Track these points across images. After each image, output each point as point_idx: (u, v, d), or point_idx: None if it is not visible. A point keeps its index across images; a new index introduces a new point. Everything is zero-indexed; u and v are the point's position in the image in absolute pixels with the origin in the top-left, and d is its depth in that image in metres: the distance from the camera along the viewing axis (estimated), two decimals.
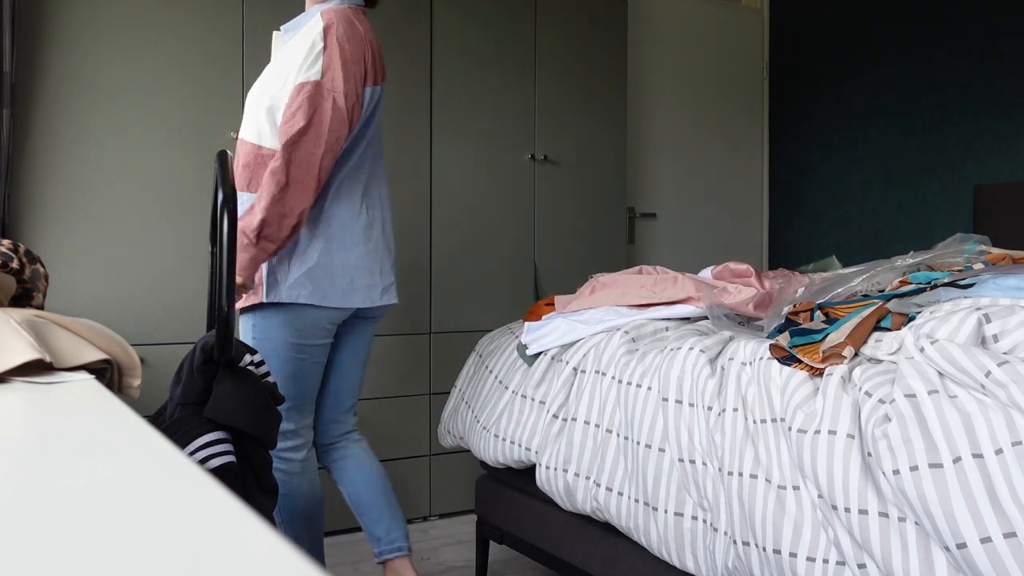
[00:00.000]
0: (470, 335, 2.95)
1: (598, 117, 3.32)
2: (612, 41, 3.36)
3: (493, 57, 3.07)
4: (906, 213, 3.57)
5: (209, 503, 0.42)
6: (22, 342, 0.85)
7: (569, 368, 1.82)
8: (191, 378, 1.30)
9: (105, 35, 2.42)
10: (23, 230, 2.33)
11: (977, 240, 1.79)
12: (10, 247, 1.25)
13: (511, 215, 3.11)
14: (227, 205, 1.32)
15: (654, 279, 2.01)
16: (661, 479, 1.54)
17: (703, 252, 3.94)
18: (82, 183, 2.39)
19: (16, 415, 0.68)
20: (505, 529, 2.11)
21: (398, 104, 2.88)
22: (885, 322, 1.41)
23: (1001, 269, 1.48)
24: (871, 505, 1.17)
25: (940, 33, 3.43)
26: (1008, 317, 1.23)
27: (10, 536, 0.37)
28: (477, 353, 2.23)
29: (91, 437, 0.59)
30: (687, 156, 3.96)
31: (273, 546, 0.36)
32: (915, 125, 3.53)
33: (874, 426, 1.20)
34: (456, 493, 2.99)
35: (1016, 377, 1.10)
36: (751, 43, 4.16)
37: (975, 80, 3.31)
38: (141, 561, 0.34)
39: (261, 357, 1.42)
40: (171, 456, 0.52)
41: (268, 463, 1.39)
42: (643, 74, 3.79)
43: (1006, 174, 3.21)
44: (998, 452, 1.07)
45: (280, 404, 1.43)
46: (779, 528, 1.29)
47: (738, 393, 1.44)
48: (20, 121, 2.32)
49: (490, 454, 2.00)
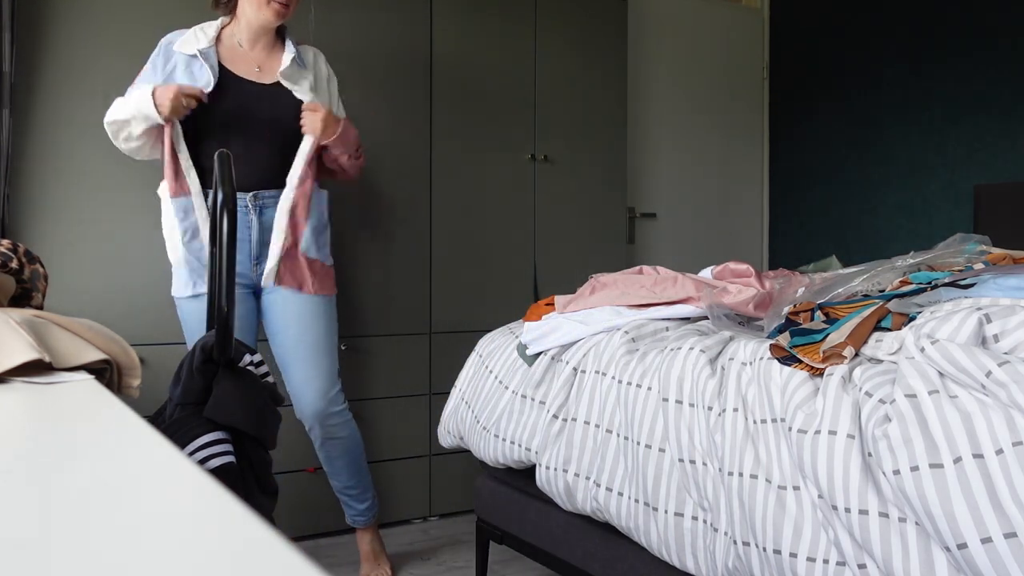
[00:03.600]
0: (470, 335, 2.95)
1: (598, 117, 3.32)
2: (612, 41, 3.36)
3: (493, 57, 3.07)
4: (906, 213, 3.57)
5: (209, 503, 0.42)
6: (22, 342, 0.84)
7: (569, 368, 1.82)
8: (191, 378, 1.30)
9: (105, 35, 2.42)
10: (23, 230, 2.33)
11: (978, 240, 1.79)
12: (9, 247, 1.25)
13: (511, 215, 3.11)
14: (227, 205, 1.32)
15: (654, 279, 2.01)
16: (661, 479, 1.54)
17: (703, 252, 3.94)
18: (82, 183, 2.39)
19: (16, 415, 0.68)
20: (505, 529, 2.11)
21: (398, 104, 2.88)
22: (885, 322, 1.41)
23: (1002, 269, 1.48)
24: (871, 505, 1.17)
25: (940, 33, 3.43)
26: (1009, 317, 1.23)
27: (10, 536, 0.37)
28: (477, 353, 2.23)
29: (91, 437, 0.59)
30: (687, 156, 3.96)
31: (273, 546, 0.36)
32: (915, 125, 3.53)
33: (874, 426, 1.20)
34: (456, 493, 2.99)
35: (1017, 377, 1.10)
36: (751, 43, 4.16)
37: (975, 80, 3.31)
38: (141, 561, 0.34)
39: (260, 357, 1.42)
40: (171, 456, 0.52)
41: (268, 463, 1.39)
42: (643, 74, 3.79)
43: (1006, 174, 3.21)
44: (999, 452, 1.07)
45: (280, 404, 1.43)
46: (779, 528, 1.29)
47: (738, 393, 1.44)
48: (20, 121, 2.32)
49: (490, 454, 2.00)
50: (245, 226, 2.10)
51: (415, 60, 2.91)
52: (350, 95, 2.75)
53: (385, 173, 2.85)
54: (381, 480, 2.82)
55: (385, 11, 2.84)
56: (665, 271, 2.07)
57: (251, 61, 2.14)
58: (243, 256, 2.12)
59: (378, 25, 2.84)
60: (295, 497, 2.61)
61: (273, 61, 2.17)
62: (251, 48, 2.16)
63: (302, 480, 2.65)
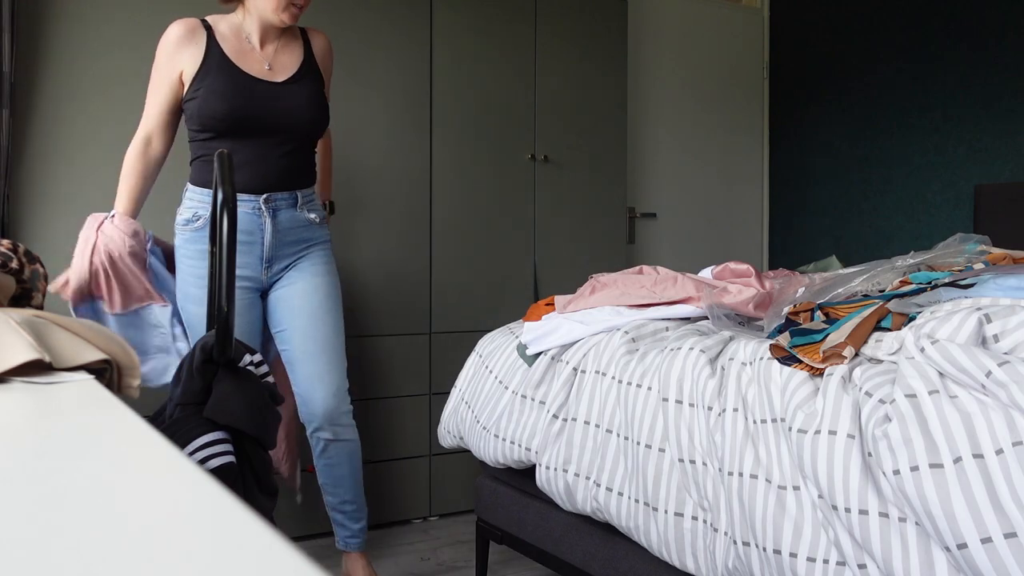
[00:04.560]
0: (470, 335, 2.95)
1: (598, 117, 3.32)
2: (612, 41, 3.36)
3: (493, 57, 3.07)
4: (906, 213, 3.57)
5: (209, 503, 0.42)
6: (21, 342, 0.84)
7: (569, 368, 1.82)
8: (191, 378, 1.30)
9: (105, 35, 2.42)
10: (23, 230, 2.33)
11: (978, 240, 1.79)
12: (9, 247, 1.25)
13: (511, 215, 3.11)
14: (227, 205, 1.32)
15: (654, 279, 2.01)
16: (661, 479, 1.54)
17: (703, 252, 3.94)
18: (82, 183, 2.39)
19: (16, 415, 0.68)
20: (505, 529, 2.11)
21: (398, 104, 2.88)
22: (885, 322, 1.41)
23: (1002, 269, 1.48)
24: (871, 505, 1.17)
25: (940, 33, 3.43)
26: (1009, 317, 1.23)
27: (10, 536, 0.37)
28: (477, 353, 2.23)
29: (91, 437, 0.59)
30: (687, 156, 3.96)
31: (273, 546, 0.36)
32: (915, 125, 3.53)
33: (874, 426, 1.20)
34: (456, 493, 2.99)
35: (1017, 377, 1.10)
36: (751, 43, 4.16)
37: (975, 80, 3.31)
38: (141, 561, 0.34)
39: (260, 357, 1.42)
40: (171, 456, 0.52)
41: (268, 463, 1.39)
42: (643, 74, 3.79)
43: (1006, 174, 3.21)
44: (999, 452, 1.07)
45: (280, 404, 1.43)
46: (779, 528, 1.29)
47: (738, 393, 1.44)
48: (20, 121, 2.32)
49: (490, 454, 2.00)
50: (257, 228, 2.02)
51: (415, 60, 2.91)
52: (350, 93, 2.75)
53: (385, 173, 2.85)
54: (381, 480, 2.82)
55: (385, 11, 2.84)
56: (665, 271, 2.07)
57: (261, 59, 2.06)
58: (253, 259, 2.04)
59: (378, 25, 2.84)
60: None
61: (284, 57, 2.09)
62: (262, 45, 2.07)
63: (302, 480, 2.65)
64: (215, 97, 1.96)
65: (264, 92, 2.02)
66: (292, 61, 2.09)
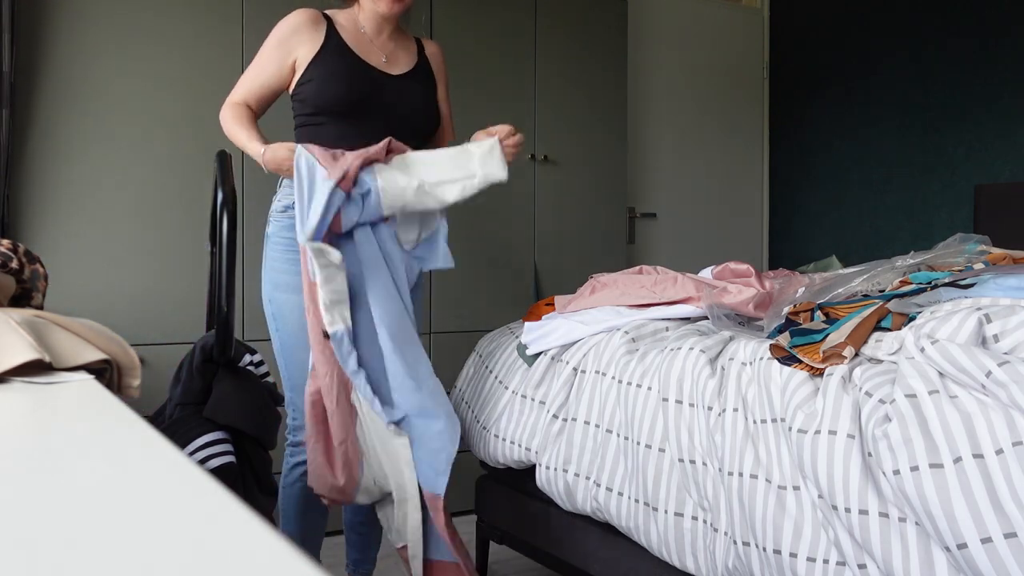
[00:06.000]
0: (470, 335, 2.94)
1: (598, 117, 3.32)
2: (612, 41, 3.36)
3: (493, 57, 3.07)
4: (906, 213, 3.56)
5: (209, 503, 0.42)
6: (22, 342, 0.84)
7: (569, 368, 1.82)
8: (191, 378, 1.30)
9: (105, 35, 2.42)
10: (23, 230, 2.33)
11: (978, 240, 1.79)
12: (9, 247, 1.25)
13: (511, 215, 3.11)
14: (227, 205, 1.32)
15: (654, 279, 2.01)
16: (661, 479, 1.54)
17: (703, 252, 3.94)
18: (82, 183, 2.39)
19: (16, 415, 0.68)
20: (505, 529, 2.11)
21: None
22: (885, 322, 1.41)
23: (1002, 269, 1.48)
24: (871, 505, 1.17)
25: (940, 33, 3.43)
26: (1009, 317, 1.23)
27: (11, 536, 0.37)
28: (477, 353, 2.23)
29: (91, 437, 0.59)
30: (687, 156, 3.96)
31: (273, 546, 0.36)
32: (915, 125, 3.53)
33: (874, 426, 1.20)
34: (456, 493, 2.98)
35: (1017, 377, 1.10)
36: (751, 43, 4.16)
37: (975, 80, 3.31)
38: (141, 561, 0.34)
39: (260, 357, 1.42)
40: (171, 456, 0.52)
41: (268, 463, 1.39)
42: (643, 74, 3.79)
43: (1006, 174, 3.21)
44: (999, 452, 1.07)
45: (280, 404, 1.43)
46: (779, 528, 1.29)
47: (738, 393, 1.44)
48: (20, 121, 2.32)
49: (490, 454, 2.00)
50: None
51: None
52: None
53: None
54: None
55: None
56: (665, 271, 2.07)
57: (379, 51, 2.03)
58: None
59: None
60: None
61: (400, 53, 2.08)
62: (375, 36, 2.04)
63: None
64: (335, 79, 1.92)
65: (382, 80, 2.00)
66: (407, 59, 2.08)
